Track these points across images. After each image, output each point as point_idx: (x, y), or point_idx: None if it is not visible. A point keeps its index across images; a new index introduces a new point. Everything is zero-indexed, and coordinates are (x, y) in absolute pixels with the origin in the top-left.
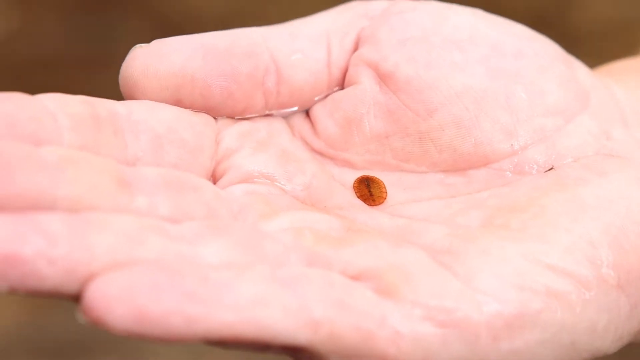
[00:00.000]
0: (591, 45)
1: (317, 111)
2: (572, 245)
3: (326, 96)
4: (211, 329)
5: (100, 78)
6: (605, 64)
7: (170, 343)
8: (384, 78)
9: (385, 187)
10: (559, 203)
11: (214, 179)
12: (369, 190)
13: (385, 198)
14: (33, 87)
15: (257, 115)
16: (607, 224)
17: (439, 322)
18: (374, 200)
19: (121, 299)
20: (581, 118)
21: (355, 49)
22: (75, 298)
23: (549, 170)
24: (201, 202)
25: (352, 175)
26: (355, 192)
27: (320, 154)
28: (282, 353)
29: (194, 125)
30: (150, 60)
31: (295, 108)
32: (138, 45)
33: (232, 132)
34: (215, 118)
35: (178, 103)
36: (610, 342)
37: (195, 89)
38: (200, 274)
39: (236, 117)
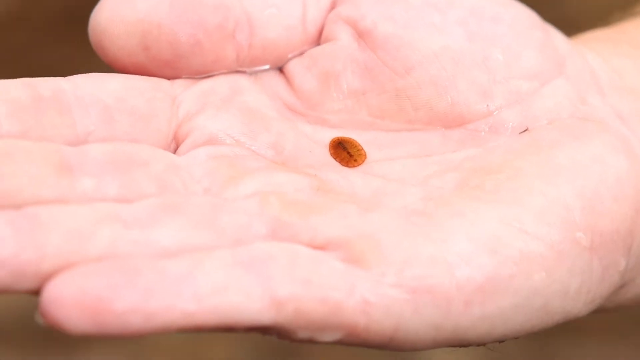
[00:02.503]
0: (589, 28)
1: (294, 67)
2: (545, 208)
3: (301, 53)
4: (171, 321)
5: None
6: None
7: (127, 338)
8: (362, 35)
9: (361, 146)
10: (533, 165)
11: (177, 143)
12: (347, 151)
13: (365, 156)
14: (26, 51)
15: (227, 71)
16: (581, 187)
17: (410, 289)
18: (355, 160)
19: (77, 302)
20: (557, 82)
21: (332, 7)
22: (35, 293)
23: (524, 131)
24: (152, 177)
25: (325, 134)
26: (334, 157)
27: (294, 111)
28: (248, 332)
29: (143, 91)
30: (117, 7)
31: (267, 66)
32: None
33: (193, 92)
34: (179, 78)
35: (146, 51)
36: (582, 305)
37: (162, 35)
38: (157, 268)
39: (205, 74)
